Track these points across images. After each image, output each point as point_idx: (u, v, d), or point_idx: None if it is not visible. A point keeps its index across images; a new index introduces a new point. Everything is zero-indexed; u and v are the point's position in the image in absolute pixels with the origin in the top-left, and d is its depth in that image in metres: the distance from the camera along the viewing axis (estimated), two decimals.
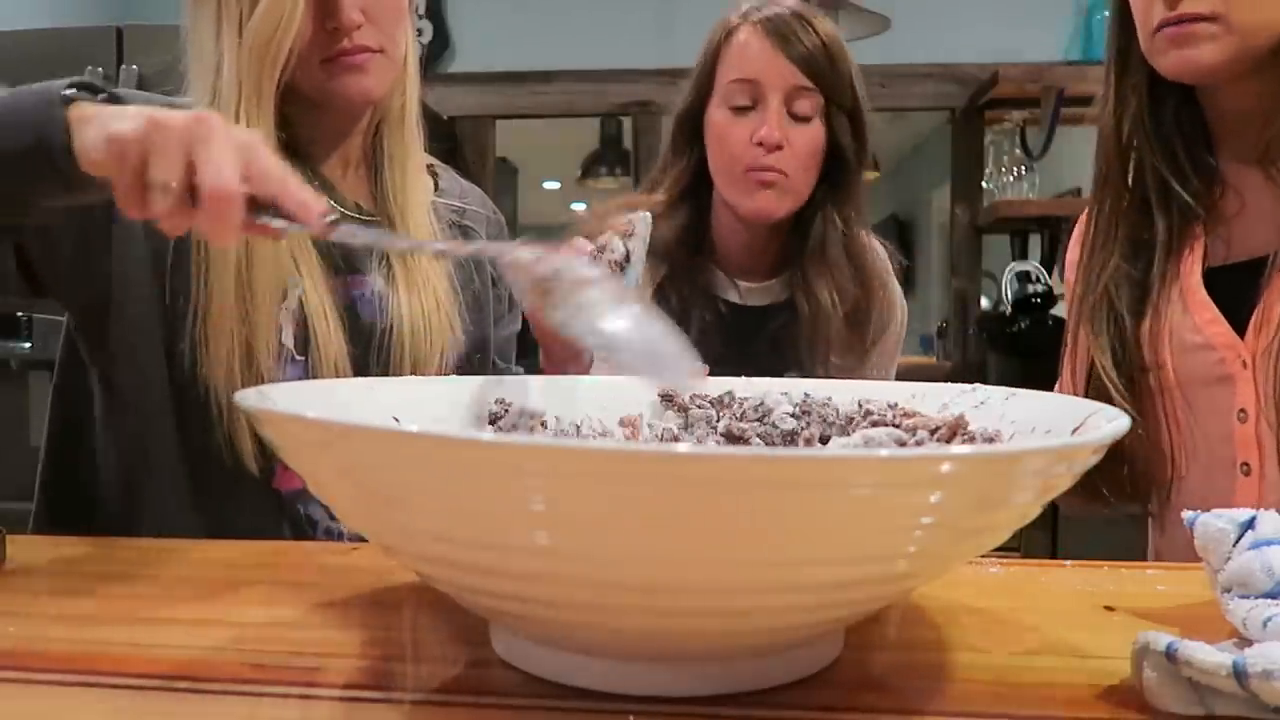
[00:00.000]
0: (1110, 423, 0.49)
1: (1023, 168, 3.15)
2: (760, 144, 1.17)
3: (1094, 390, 0.97)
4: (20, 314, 2.28)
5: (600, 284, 0.59)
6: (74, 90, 0.67)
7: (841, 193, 1.23)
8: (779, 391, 0.74)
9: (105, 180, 0.63)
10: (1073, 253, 1.09)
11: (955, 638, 0.59)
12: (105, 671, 0.52)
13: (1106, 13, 3.03)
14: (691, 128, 1.25)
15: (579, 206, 5.79)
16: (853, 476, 0.39)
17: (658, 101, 3.00)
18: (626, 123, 3.81)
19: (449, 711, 0.48)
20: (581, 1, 3.22)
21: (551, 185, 6.35)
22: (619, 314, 0.57)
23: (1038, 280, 2.85)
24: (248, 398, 0.51)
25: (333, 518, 0.91)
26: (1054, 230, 3.06)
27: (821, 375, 1.20)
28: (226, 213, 0.59)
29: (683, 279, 1.25)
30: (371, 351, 0.94)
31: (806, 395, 0.73)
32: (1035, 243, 3.19)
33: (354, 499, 0.47)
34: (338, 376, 0.89)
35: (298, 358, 0.89)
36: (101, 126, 0.63)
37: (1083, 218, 1.09)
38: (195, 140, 0.59)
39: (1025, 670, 0.54)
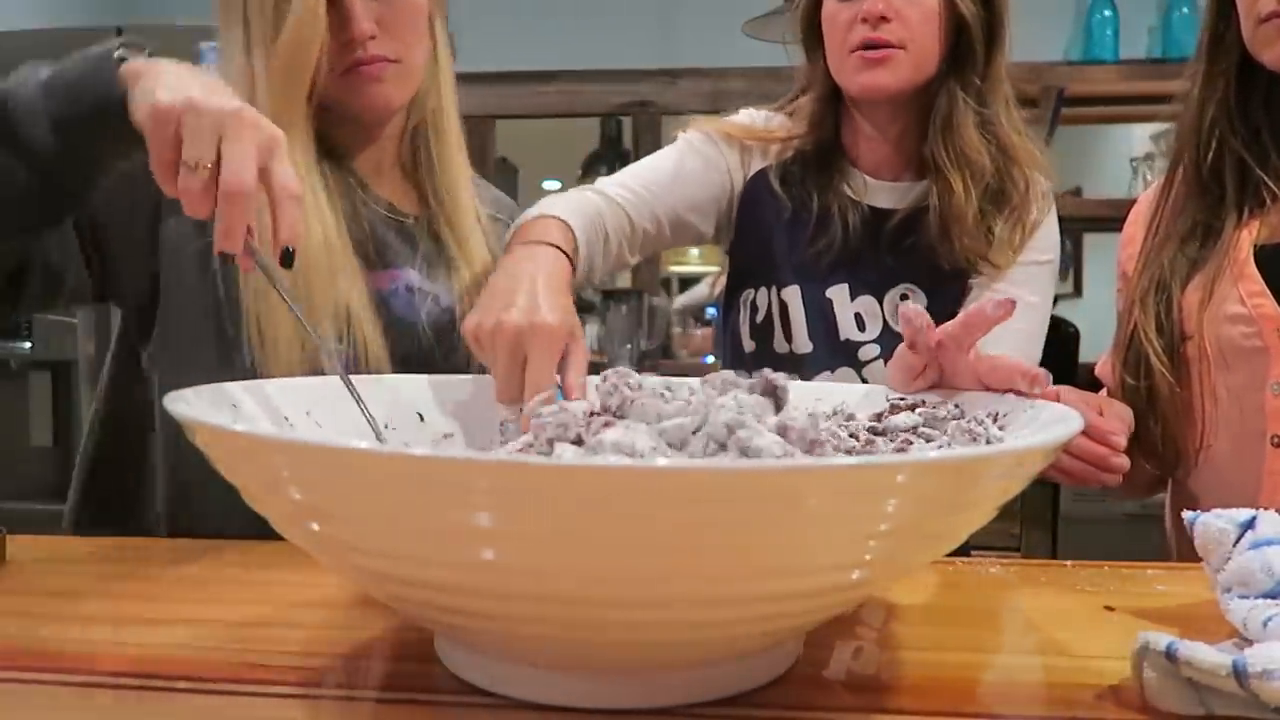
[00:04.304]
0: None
1: None
2: (864, 20, 1.07)
3: (1132, 355, 0.99)
4: None
5: None
6: (123, 50, 0.71)
7: (967, 66, 1.10)
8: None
9: None
10: (1129, 230, 1.11)
11: (955, 638, 0.59)
12: (105, 671, 0.52)
13: (1108, 11, 2.99)
14: (809, 27, 1.16)
15: None
16: (795, 488, 0.38)
17: (658, 101, 2.99)
18: (626, 123, 3.79)
19: (449, 711, 0.48)
20: (581, 1, 3.21)
21: (552, 185, 6.34)
22: None
23: None
24: (175, 402, 0.48)
25: None
26: None
27: (951, 264, 1.09)
28: (238, 208, 0.64)
29: (825, 184, 1.16)
30: (398, 350, 0.92)
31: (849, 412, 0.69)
32: None
33: (283, 514, 0.46)
34: (375, 374, 0.87)
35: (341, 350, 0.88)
36: (148, 89, 0.66)
37: (1145, 196, 1.11)
38: (226, 131, 0.64)
39: (1025, 670, 0.54)
